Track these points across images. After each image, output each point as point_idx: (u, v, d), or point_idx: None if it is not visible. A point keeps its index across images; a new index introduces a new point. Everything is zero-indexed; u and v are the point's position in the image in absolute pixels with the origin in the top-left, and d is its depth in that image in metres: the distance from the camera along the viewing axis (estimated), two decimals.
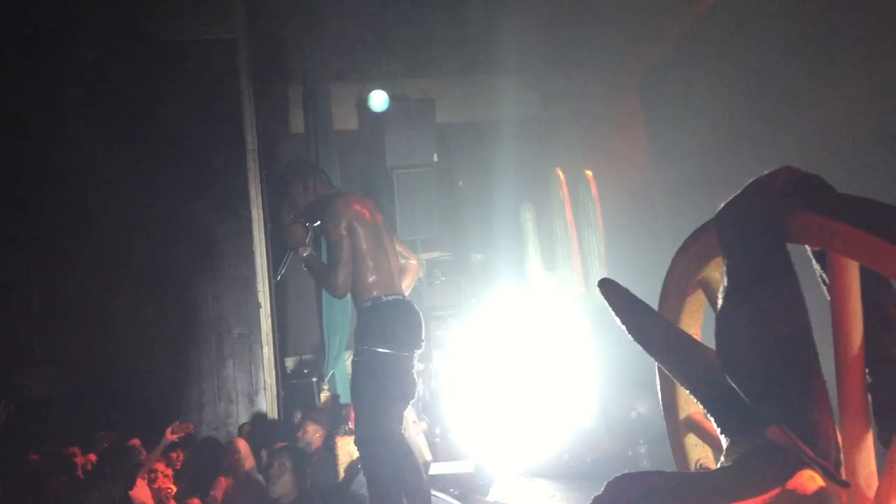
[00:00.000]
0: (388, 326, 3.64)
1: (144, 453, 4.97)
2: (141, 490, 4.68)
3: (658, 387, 1.85)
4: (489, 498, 5.34)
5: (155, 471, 4.97)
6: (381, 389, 3.56)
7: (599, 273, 6.82)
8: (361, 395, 3.62)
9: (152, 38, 7.33)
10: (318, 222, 3.77)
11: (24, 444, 5.05)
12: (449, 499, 4.71)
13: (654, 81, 6.95)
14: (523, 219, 7.45)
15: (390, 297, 3.71)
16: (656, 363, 1.72)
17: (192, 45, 7.36)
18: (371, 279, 3.67)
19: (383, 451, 3.55)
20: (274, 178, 4.05)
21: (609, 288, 1.59)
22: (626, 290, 1.58)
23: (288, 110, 8.88)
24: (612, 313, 1.58)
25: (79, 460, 4.45)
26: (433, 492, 4.69)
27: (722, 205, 1.40)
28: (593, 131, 8.22)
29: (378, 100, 8.06)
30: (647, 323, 1.53)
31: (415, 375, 3.74)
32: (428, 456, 5.94)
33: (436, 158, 8.23)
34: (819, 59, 4.48)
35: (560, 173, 7.17)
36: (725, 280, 1.31)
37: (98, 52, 7.08)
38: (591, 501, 1.28)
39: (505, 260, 8.14)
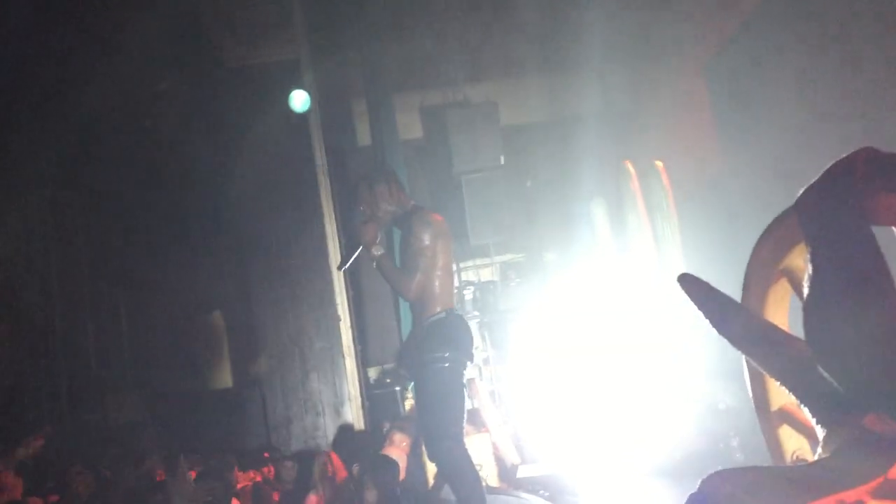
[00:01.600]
0: (464, 337, 3.87)
1: (239, 473, 5.10)
2: None
3: (746, 380, 1.81)
4: (578, 498, 5.30)
5: (245, 491, 5.09)
6: (460, 396, 3.69)
7: (676, 264, 6.70)
8: (444, 400, 3.72)
9: (218, 65, 7.54)
10: (402, 227, 4.00)
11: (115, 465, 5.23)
12: (539, 500, 4.69)
13: (720, 66, 6.79)
14: (595, 214, 7.38)
15: (457, 311, 3.97)
16: (743, 356, 1.69)
17: (257, 68, 7.55)
18: (446, 292, 3.90)
19: (464, 456, 3.65)
20: (358, 181, 4.18)
21: (688, 282, 1.56)
22: (707, 284, 1.55)
23: (354, 124, 9.01)
24: (694, 308, 1.56)
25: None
26: (522, 494, 4.69)
27: (801, 189, 1.37)
28: (661, 121, 8.08)
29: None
30: (730, 316, 1.49)
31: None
32: (516, 458, 5.92)
33: (503, 161, 8.23)
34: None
35: (629, 166, 7.08)
36: (810, 268, 1.28)
37: (171, 81, 7.32)
38: (685, 500, 1.26)
39: (579, 257, 8.07)
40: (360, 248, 3.93)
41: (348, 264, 4.11)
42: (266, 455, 5.19)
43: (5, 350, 6.39)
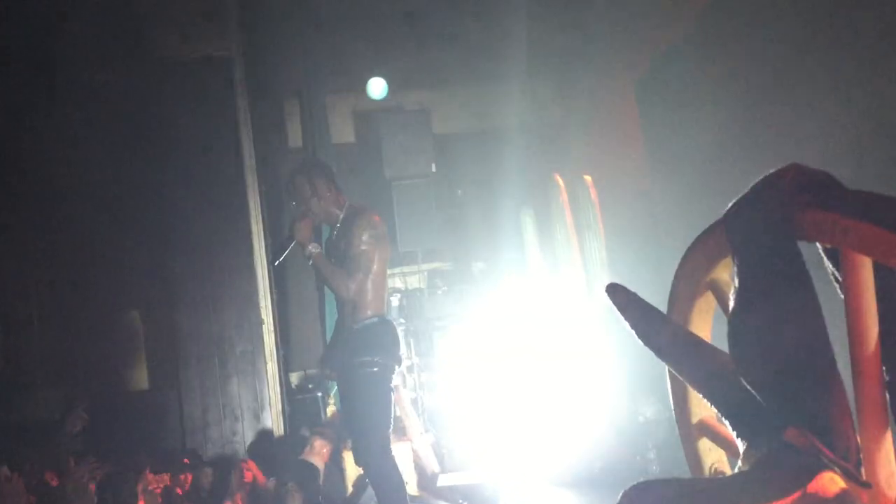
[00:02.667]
0: (393, 343, 3.84)
1: (150, 476, 4.93)
2: None
3: (669, 391, 1.82)
4: None
5: (155, 494, 4.92)
6: (388, 401, 3.66)
7: (602, 277, 6.79)
8: (372, 405, 3.68)
9: (147, 56, 7.34)
10: (335, 225, 3.93)
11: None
12: None
13: (650, 85, 6.93)
14: (524, 225, 7.44)
15: (388, 317, 3.94)
16: (666, 367, 1.70)
17: (188, 62, 7.37)
18: (379, 296, 3.87)
19: (392, 460, 3.62)
20: (294, 173, 4.06)
21: (616, 292, 1.57)
22: (634, 294, 1.56)
23: (285, 124, 8.89)
24: (621, 318, 1.56)
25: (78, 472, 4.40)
26: (442, 503, 4.67)
27: (729, 204, 1.38)
28: (591, 136, 8.21)
29: (377, 87, 7.98)
30: (656, 327, 1.50)
31: None
32: (436, 467, 5.90)
33: (434, 168, 8.24)
34: (827, 59, 4.46)
35: (559, 178, 7.16)
36: (736, 281, 1.29)
37: (95, 70, 7.10)
38: None
39: (507, 267, 8.12)
40: (293, 243, 3.87)
41: (281, 259, 4.03)
42: (186, 461, 5.04)
43: None
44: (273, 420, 6.87)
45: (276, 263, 4.17)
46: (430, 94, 9.10)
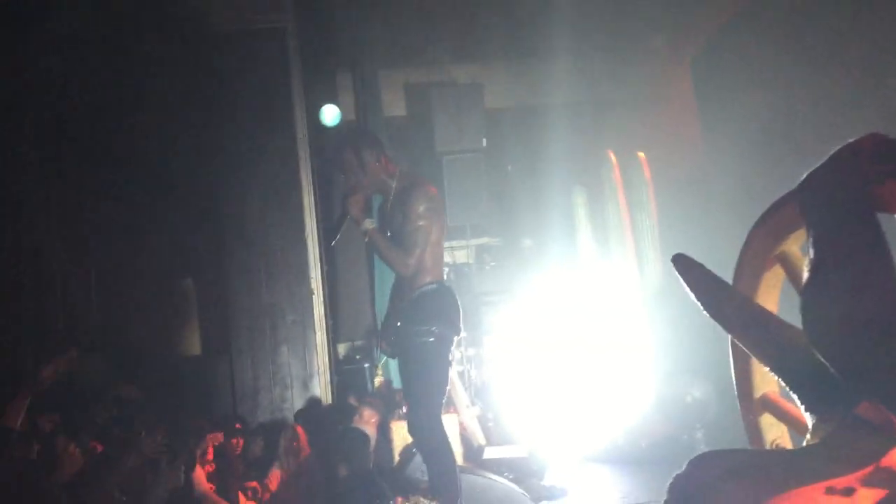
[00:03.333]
0: (454, 310, 3.72)
1: (210, 437, 5.05)
2: (200, 474, 4.75)
3: (731, 365, 1.81)
4: (544, 482, 5.32)
5: (209, 458, 5.04)
6: (445, 371, 3.61)
7: (653, 257, 6.73)
8: (427, 376, 3.61)
9: (202, 29, 7.41)
10: (390, 196, 3.79)
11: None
12: (504, 481, 4.70)
13: (707, 61, 6.80)
14: (575, 203, 7.39)
15: (447, 283, 3.81)
16: (730, 342, 1.68)
17: (243, 34, 7.41)
18: (437, 264, 3.76)
19: (443, 432, 3.59)
20: (343, 140, 3.94)
21: (683, 264, 1.55)
22: (701, 266, 1.55)
23: (337, 97, 8.92)
24: (687, 289, 1.54)
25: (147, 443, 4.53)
26: (488, 475, 4.70)
27: (804, 175, 1.36)
28: (645, 113, 8.08)
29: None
30: (724, 298, 1.49)
31: None
32: (482, 440, 5.94)
33: (485, 143, 8.20)
34: (886, 34, 4.33)
35: (612, 156, 7.09)
36: (812, 253, 1.27)
37: (151, 43, 7.19)
38: (671, 480, 1.25)
39: (556, 245, 8.08)
40: (348, 219, 3.78)
41: (338, 238, 3.95)
42: (238, 426, 5.14)
43: None
44: (321, 389, 6.97)
45: (334, 243, 4.06)
46: (481, 69, 9.04)
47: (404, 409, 4.98)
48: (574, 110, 8.52)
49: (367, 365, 7.67)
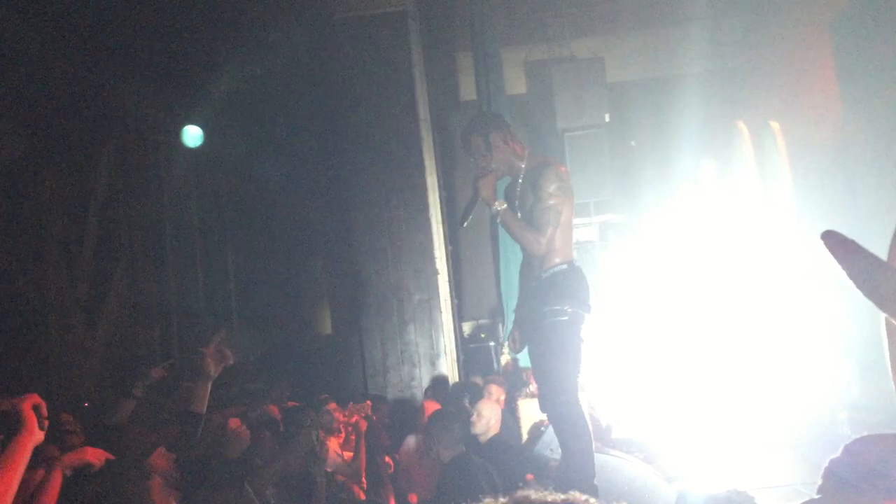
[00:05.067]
0: (585, 289, 3.70)
1: (334, 410, 5.22)
2: (332, 444, 4.93)
3: (885, 346, 1.71)
4: (674, 462, 5.22)
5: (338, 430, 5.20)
6: (578, 350, 3.59)
7: (790, 231, 6.44)
8: (561, 356, 3.60)
9: (323, 15, 7.57)
10: (519, 176, 3.79)
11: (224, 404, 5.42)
12: (636, 461, 4.64)
13: (848, 22, 6.39)
14: (703, 176, 7.15)
15: (576, 263, 3.77)
16: (884, 322, 1.60)
17: (363, 19, 7.54)
18: (567, 244, 3.74)
19: (579, 410, 3.57)
20: (469, 125, 3.96)
21: (834, 240, 1.48)
22: (854, 242, 1.47)
23: (457, 78, 8.96)
24: (839, 266, 1.47)
25: (279, 417, 4.74)
26: (619, 454, 4.64)
27: None
28: (779, 81, 7.69)
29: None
30: (879, 276, 1.41)
31: None
32: (611, 419, 5.88)
33: (607, 118, 8.06)
34: None
35: (743, 126, 6.81)
36: None
37: (273, 30, 7.40)
38: (827, 463, 1.21)
39: (683, 221, 7.86)
40: (478, 201, 3.80)
41: (469, 219, 3.97)
42: (369, 403, 5.31)
43: (124, 308, 6.67)
44: (448, 367, 7.07)
45: (465, 224, 4.08)
46: (602, 42, 8.86)
47: (532, 387, 4.99)
48: (702, 80, 8.22)
49: (492, 343, 7.73)
